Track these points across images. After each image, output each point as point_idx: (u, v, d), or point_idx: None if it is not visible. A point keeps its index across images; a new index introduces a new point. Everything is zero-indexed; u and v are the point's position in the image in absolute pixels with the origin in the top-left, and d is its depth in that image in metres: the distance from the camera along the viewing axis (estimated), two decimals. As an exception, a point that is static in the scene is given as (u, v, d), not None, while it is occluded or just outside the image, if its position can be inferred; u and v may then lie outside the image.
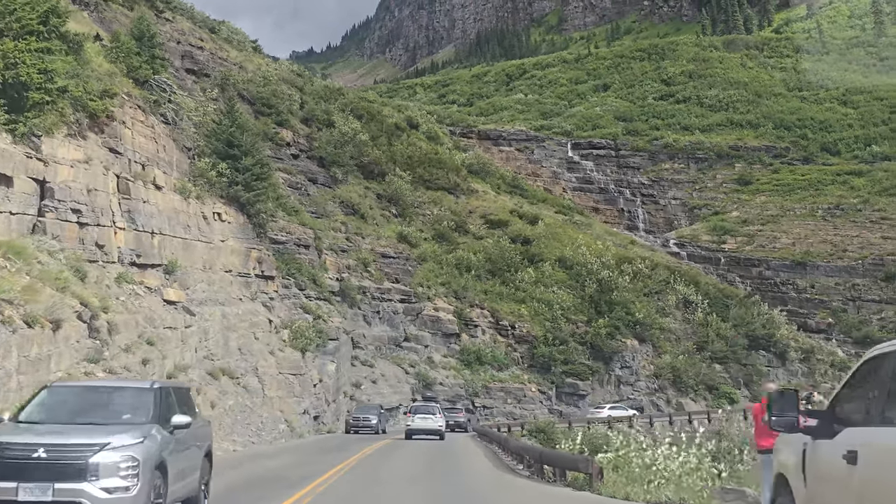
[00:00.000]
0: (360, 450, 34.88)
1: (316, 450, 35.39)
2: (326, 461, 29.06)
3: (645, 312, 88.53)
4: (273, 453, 33.05)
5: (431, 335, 78.73)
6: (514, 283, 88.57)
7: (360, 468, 27.04)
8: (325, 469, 25.95)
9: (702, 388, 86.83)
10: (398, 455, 33.74)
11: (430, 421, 49.45)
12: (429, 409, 51.83)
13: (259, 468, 26.36)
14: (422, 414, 50.12)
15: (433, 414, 50.26)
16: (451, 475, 26.56)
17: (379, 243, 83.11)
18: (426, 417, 49.57)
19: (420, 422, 49.27)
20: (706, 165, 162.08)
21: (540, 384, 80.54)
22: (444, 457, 34.24)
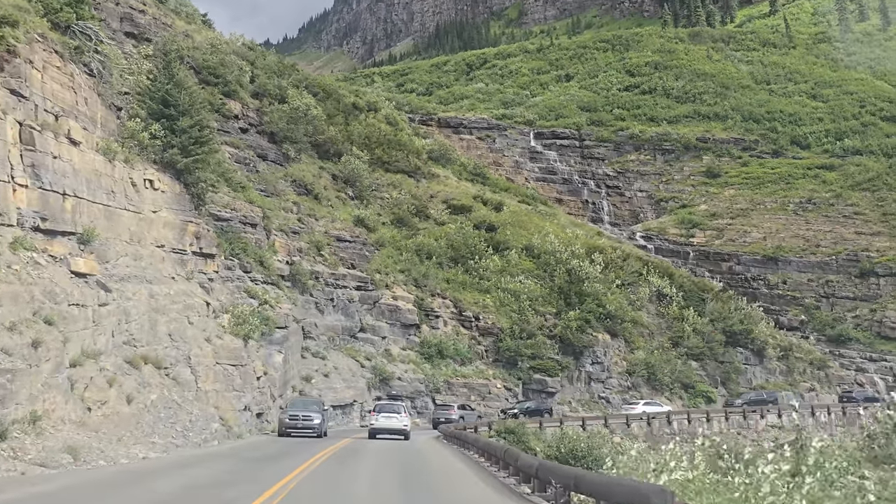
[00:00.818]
0: (305, 461, 28.27)
1: (251, 457, 29.01)
2: (259, 477, 22.52)
3: (617, 305, 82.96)
4: (192, 462, 26.49)
5: (389, 326, 72.51)
6: (478, 271, 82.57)
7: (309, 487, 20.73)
8: (251, 494, 19.22)
9: (677, 386, 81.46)
10: (359, 467, 27.25)
11: (395, 420, 46.92)
12: (393, 407, 48.82)
13: (147, 491, 19.67)
14: (386, 413, 47.39)
15: (398, 413, 47.52)
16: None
17: (334, 226, 76.72)
18: (390, 416, 46.97)
19: (384, 421, 46.84)
20: (673, 157, 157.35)
21: (506, 380, 74.66)
22: (418, 474, 27.08)
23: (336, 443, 39.76)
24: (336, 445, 37.65)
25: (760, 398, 77.28)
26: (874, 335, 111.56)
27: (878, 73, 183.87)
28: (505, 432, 55.38)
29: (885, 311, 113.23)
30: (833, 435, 78.21)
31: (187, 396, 37.22)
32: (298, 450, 32.59)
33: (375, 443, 41.44)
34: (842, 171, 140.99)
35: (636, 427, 66.21)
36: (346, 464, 26.99)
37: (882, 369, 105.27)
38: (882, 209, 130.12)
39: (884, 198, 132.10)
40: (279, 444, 36.97)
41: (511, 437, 55.18)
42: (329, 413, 51.96)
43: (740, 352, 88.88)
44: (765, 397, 77.83)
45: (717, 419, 71.31)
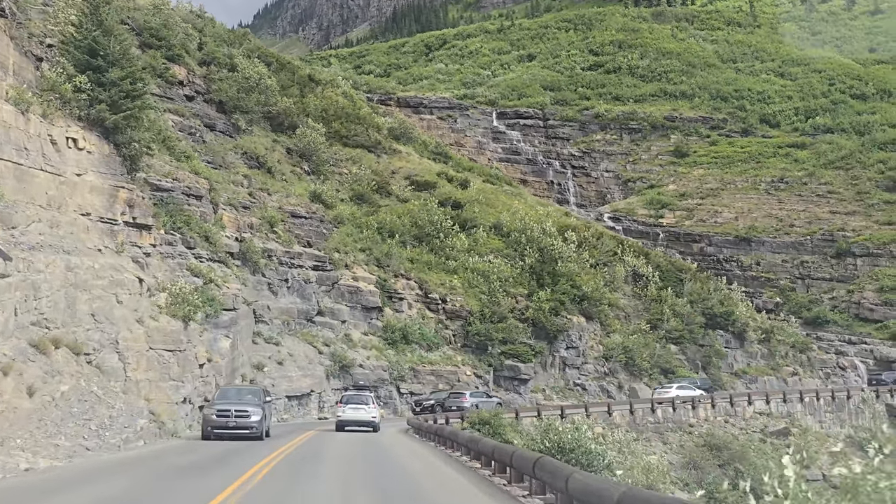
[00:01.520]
0: (245, 471, 21.68)
1: (173, 466, 22.52)
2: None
3: (592, 286, 77.78)
4: (85, 475, 20.11)
5: (350, 309, 66.76)
6: (444, 250, 77.01)
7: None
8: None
9: (656, 371, 76.46)
10: (316, 486, 20.85)
11: (363, 412, 44.94)
12: (361, 398, 46.43)
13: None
14: (353, 404, 45.19)
15: (366, 404, 45.48)
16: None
17: (288, 201, 70.78)
18: (358, 408, 44.96)
19: (351, 412, 44.91)
20: (640, 137, 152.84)
21: (475, 367, 69.24)
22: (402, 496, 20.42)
23: (288, 441, 33.57)
24: (289, 445, 31.70)
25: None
26: (852, 317, 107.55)
27: (844, 51, 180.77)
28: (479, 423, 50.19)
29: (863, 293, 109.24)
30: (822, 421, 73.89)
31: (112, 387, 31.32)
32: (238, 453, 26.74)
33: (336, 443, 35.34)
34: (813, 150, 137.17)
35: (618, 416, 61.20)
36: (298, 478, 20.77)
37: (862, 352, 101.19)
38: (856, 188, 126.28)
39: (858, 176, 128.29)
40: (214, 447, 30.08)
41: (486, 428, 49.90)
42: (272, 406, 41.30)
43: (720, 335, 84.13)
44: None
45: (703, 406, 66.42)
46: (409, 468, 25.97)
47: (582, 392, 73.58)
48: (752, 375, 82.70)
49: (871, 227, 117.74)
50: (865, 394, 76.89)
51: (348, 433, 43.18)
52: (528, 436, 49.98)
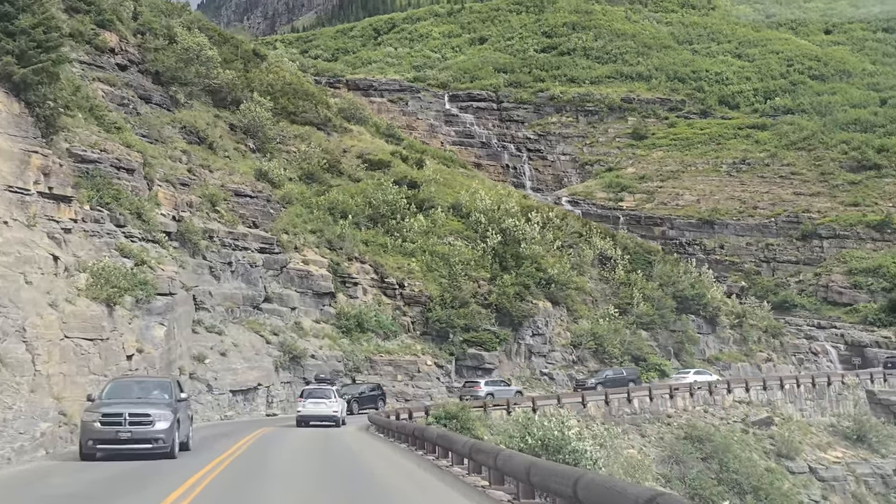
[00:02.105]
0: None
1: (53, 497, 17.09)
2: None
3: (559, 269, 73.07)
4: None
5: (300, 295, 61.38)
6: (400, 232, 71.84)
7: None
8: None
9: (627, 358, 71.96)
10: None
11: (324, 406, 42.86)
12: (322, 392, 43.75)
13: None
14: (314, 399, 43.11)
15: (327, 398, 43.19)
16: None
17: (232, 179, 65.18)
18: (319, 402, 42.89)
19: (312, 407, 42.98)
20: (597, 119, 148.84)
21: (436, 356, 64.31)
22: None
23: (218, 455, 24.97)
24: (221, 458, 23.96)
25: (620, 376, 65.29)
26: (820, 301, 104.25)
27: (800, 33, 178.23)
28: (445, 418, 45.38)
29: (830, 276, 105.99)
30: (802, 409, 69.96)
31: (16, 383, 25.84)
32: (157, 473, 20.96)
33: (287, 448, 29.62)
34: (774, 131, 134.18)
35: (593, 407, 56.66)
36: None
37: (833, 337, 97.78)
38: (820, 168, 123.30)
39: (821, 157, 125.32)
40: (95, 471, 21.18)
41: (453, 423, 45.09)
42: (189, 405, 29.61)
43: (692, 320, 79.93)
44: (625, 375, 66.57)
45: (680, 395, 62.09)
46: (374, 474, 20.88)
47: (549, 382, 68.95)
48: (725, 362, 78.73)
49: (836, 209, 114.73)
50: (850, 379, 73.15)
51: (305, 433, 38.10)
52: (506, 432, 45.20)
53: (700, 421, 60.76)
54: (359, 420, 48.07)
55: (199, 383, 47.85)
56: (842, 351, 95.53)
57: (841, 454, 64.64)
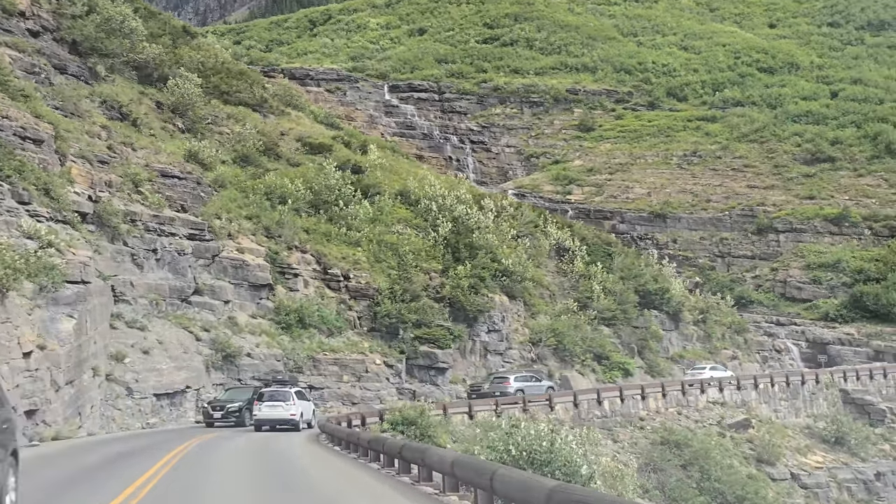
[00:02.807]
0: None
1: None
2: None
3: (515, 259, 67.66)
4: None
5: (234, 287, 55.11)
6: (345, 220, 65.85)
7: None
8: None
9: (589, 357, 66.87)
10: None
11: (280, 409, 41.10)
12: (280, 395, 41.72)
13: None
14: (271, 402, 41.21)
15: (284, 401, 41.27)
16: None
17: (158, 159, 58.60)
18: (276, 405, 41.09)
19: (268, 411, 41.13)
20: (542, 110, 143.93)
21: (386, 354, 58.44)
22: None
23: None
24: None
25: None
26: (778, 296, 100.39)
27: (744, 26, 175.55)
28: (402, 423, 39.77)
29: (788, 270, 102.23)
30: (777, 410, 65.42)
31: None
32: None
33: (218, 472, 23.25)
34: (725, 123, 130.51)
35: (561, 410, 51.41)
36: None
37: (793, 334, 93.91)
38: (773, 161, 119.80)
39: (773, 149, 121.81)
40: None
41: (412, 430, 39.47)
42: (12, 425, 13.84)
43: (655, 315, 75.05)
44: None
45: (652, 396, 57.04)
46: None
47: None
48: (689, 360, 74.07)
49: (791, 202, 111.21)
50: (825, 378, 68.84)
51: (243, 445, 32.25)
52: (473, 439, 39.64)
53: (674, 424, 55.81)
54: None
55: (117, 386, 41.56)
56: (803, 349, 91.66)
57: (821, 458, 60.18)
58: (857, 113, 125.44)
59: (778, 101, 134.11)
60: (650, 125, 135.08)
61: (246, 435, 38.42)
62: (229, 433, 38.75)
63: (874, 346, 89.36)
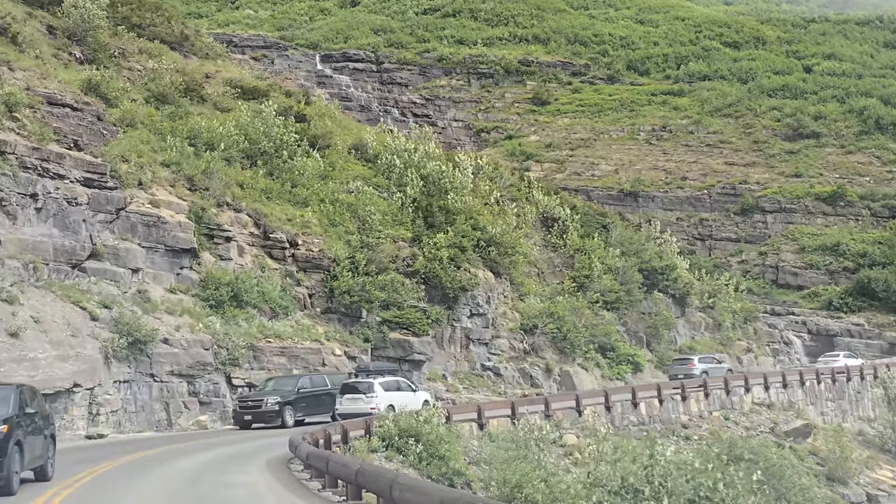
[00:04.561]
0: None
1: None
2: None
3: (502, 226, 54.50)
4: None
5: (147, 250, 40.90)
6: (290, 174, 51.98)
7: None
8: None
9: (592, 348, 53.99)
10: None
11: (361, 403, 35.32)
12: (360, 386, 36.44)
13: None
14: (351, 394, 36.07)
15: (365, 392, 35.74)
16: None
17: (45, 84, 44.09)
18: (355, 398, 35.76)
19: (348, 404, 35.53)
20: (491, 83, 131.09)
21: (346, 343, 44.86)
22: None
23: None
24: None
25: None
26: (769, 283, 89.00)
27: (700, 2, 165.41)
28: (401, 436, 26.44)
29: (779, 255, 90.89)
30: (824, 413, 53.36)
31: None
32: None
33: None
34: (694, 97, 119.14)
35: (590, 414, 38.26)
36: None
37: (792, 325, 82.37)
38: (751, 137, 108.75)
39: (751, 124, 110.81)
40: None
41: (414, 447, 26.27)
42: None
43: (659, 298, 62.52)
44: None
45: (693, 397, 44.32)
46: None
47: (496, 379, 50.43)
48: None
49: (777, 180, 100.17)
50: (883, 372, 57.10)
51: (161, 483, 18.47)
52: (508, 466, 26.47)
53: (724, 432, 43.14)
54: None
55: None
56: (807, 341, 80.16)
57: (890, 473, 48.17)
58: (837, 87, 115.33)
59: (749, 75, 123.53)
60: (611, 99, 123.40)
61: (212, 452, 25.10)
62: (221, 443, 25.41)
63: (888, 337, 78.38)
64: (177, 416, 36.63)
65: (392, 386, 36.55)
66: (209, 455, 26.39)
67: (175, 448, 28.28)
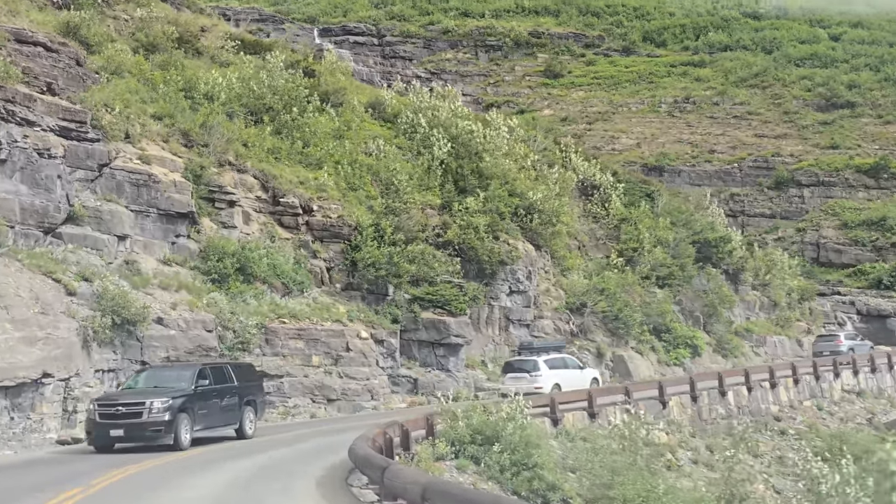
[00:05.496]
0: None
1: None
2: None
3: (543, 192, 47.76)
4: None
5: (136, 215, 34.10)
6: (300, 133, 45.16)
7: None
8: None
9: (646, 330, 47.30)
10: None
11: (524, 382, 32.85)
12: (523, 365, 34.73)
13: None
14: (514, 373, 34.75)
15: (528, 371, 34.10)
16: None
17: (15, 21, 37.18)
18: (518, 378, 33.98)
19: (511, 384, 32.22)
20: (500, 55, 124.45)
21: (372, 324, 38.04)
22: None
23: None
24: None
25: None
26: (810, 261, 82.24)
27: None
28: (473, 442, 19.67)
29: (820, 231, 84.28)
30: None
31: None
32: None
33: None
34: (717, 68, 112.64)
35: (675, 405, 31.50)
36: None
37: (840, 305, 75.77)
38: (781, 107, 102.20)
39: (779, 95, 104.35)
40: None
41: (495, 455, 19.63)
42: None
43: (714, 274, 55.76)
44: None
45: (782, 385, 37.67)
46: None
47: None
48: (758, 335, 55.05)
49: (811, 152, 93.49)
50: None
51: None
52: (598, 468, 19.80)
53: (820, 424, 36.56)
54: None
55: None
56: (857, 322, 73.57)
57: None
58: (869, 56, 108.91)
59: (773, 44, 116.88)
60: (628, 71, 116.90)
61: (230, 466, 18.64)
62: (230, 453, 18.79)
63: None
64: (175, 413, 29.95)
65: (558, 363, 34.69)
66: (229, 472, 19.68)
67: (177, 460, 21.55)
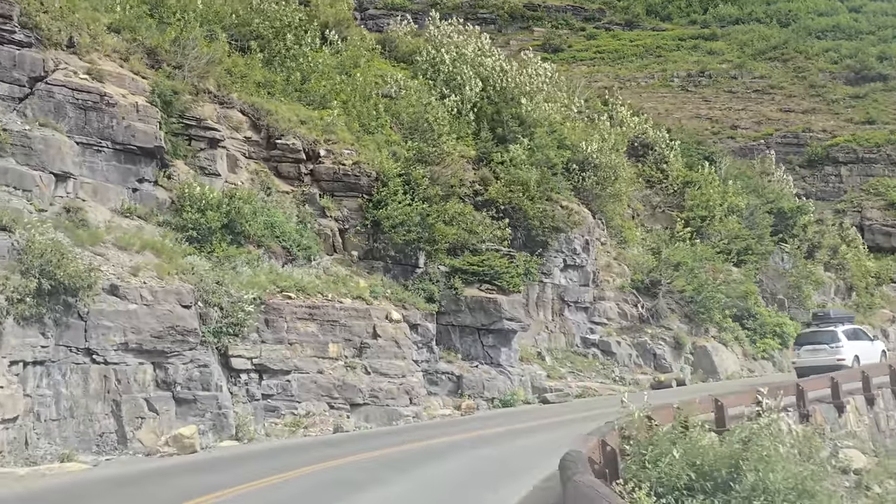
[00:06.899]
0: None
1: None
2: None
3: (598, 143, 38.39)
4: None
5: (83, 148, 24.31)
6: (297, 63, 35.52)
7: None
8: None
9: (727, 315, 38.07)
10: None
11: (823, 354, 30.09)
12: (821, 336, 31.28)
13: None
14: (809, 344, 31.40)
15: (827, 343, 30.60)
16: None
17: None
18: (817, 349, 30.78)
19: (808, 356, 30.65)
20: (494, 28, 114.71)
21: (403, 302, 28.44)
22: None
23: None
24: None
25: None
26: (851, 245, 73.61)
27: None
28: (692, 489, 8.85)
29: (862, 211, 75.57)
30: None
31: None
32: None
33: None
34: (730, 40, 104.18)
35: (852, 414, 22.05)
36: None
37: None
38: (806, 81, 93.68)
39: (803, 67, 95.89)
40: None
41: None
42: None
43: (793, 250, 46.77)
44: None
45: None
46: None
47: (605, 359, 34.33)
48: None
49: (845, 127, 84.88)
50: None
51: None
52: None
53: None
54: None
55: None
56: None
57: None
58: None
59: (789, 17, 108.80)
60: (633, 45, 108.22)
61: None
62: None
63: None
64: (134, 428, 20.36)
65: (854, 335, 31.84)
66: None
67: None
